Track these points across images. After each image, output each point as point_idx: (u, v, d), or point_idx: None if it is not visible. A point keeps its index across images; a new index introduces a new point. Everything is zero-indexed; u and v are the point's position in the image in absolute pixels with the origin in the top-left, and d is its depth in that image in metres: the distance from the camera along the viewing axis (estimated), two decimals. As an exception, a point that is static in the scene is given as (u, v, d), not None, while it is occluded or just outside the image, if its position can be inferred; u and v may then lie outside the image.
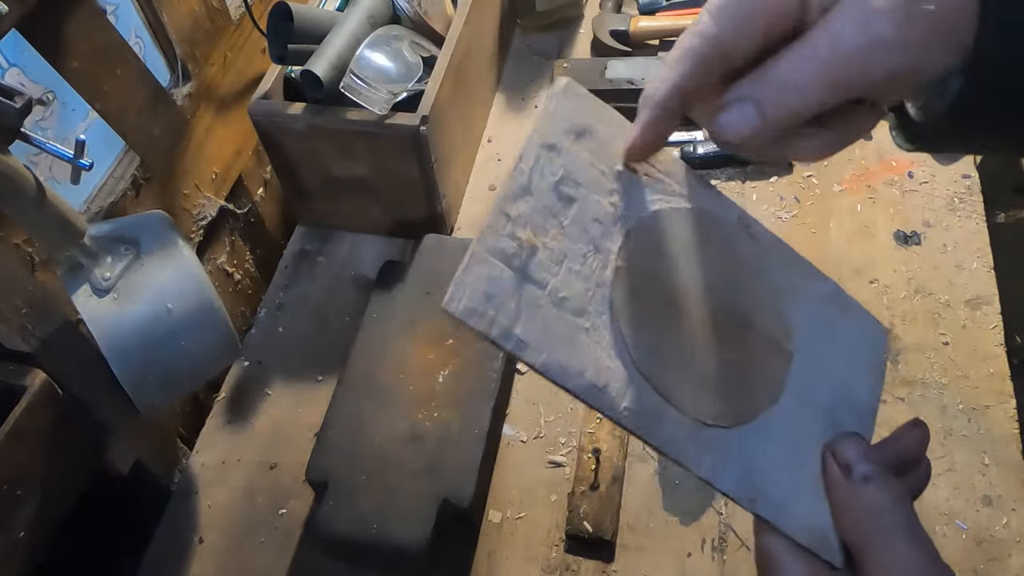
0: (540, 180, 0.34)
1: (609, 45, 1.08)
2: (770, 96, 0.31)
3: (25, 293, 0.60)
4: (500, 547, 0.71)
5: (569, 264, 0.34)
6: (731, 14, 0.32)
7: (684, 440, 0.34)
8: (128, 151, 0.80)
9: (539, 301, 0.32)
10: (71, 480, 0.66)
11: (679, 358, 0.35)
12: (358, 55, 0.78)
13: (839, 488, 0.35)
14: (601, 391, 0.32)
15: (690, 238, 0.38)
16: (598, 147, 0.36)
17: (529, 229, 0.33)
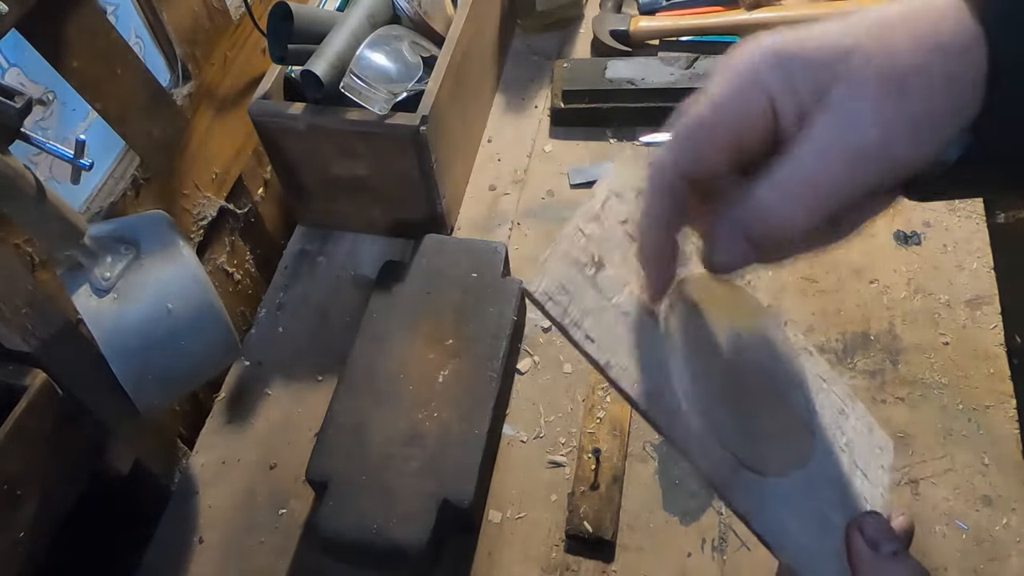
0: (608, 215, 0.37)
1: (609, 45, 1.08)
2: (757, 228, 0.31)
3: (25, 293, 0.60)
4: (500, 547, 0.71)
5: (630, 289, 0.36)
6: (689, 143, 0.31)
7: (728, 475, 0.35)
8: (128, 151, 0.80)
9: (605, 308, 0.35)
10: (71, 480, 0.66)
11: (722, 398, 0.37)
12: (358, 55, 0.79)
13: (867, 564, 0.36)
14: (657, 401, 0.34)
15: (721, 306, 0.40)
16: None
17: (599, 250, 0.36)
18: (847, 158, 0.29)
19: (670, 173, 0.32)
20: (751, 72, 0.30)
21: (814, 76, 0.30)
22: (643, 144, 1.00)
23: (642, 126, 1.01)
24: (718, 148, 0.31)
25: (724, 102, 0.31)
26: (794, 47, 0.31)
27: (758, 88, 0.30)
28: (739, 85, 0.30)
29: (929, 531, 0.68)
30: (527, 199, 0.97)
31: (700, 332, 0.38)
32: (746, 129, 0.31)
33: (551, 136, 1.03)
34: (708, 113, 0.31)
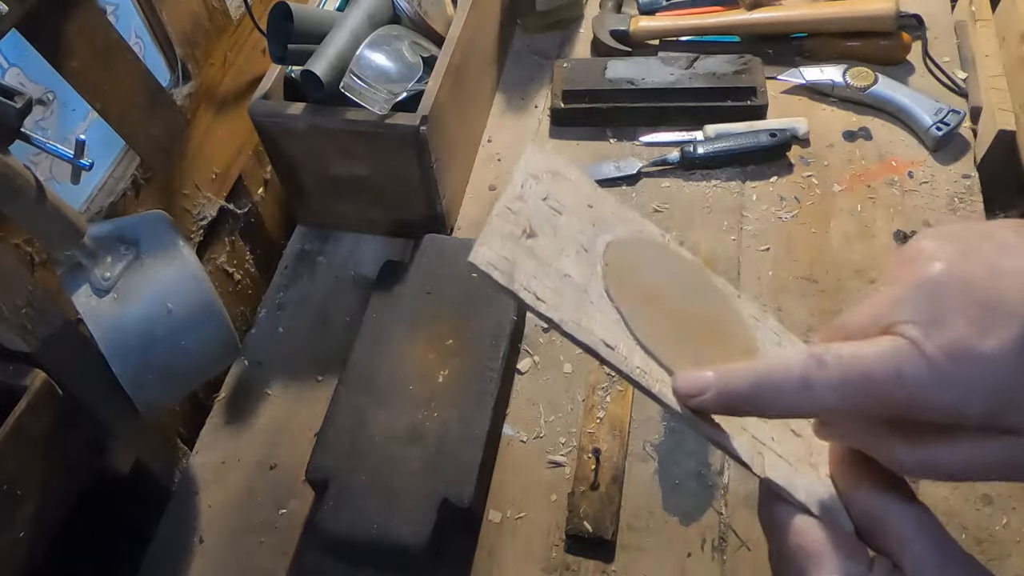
0: (531, 193, 0.40)
1: (609, 45, 1.08)
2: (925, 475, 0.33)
3: (25, 293, 0.60)
4: (500, 547, 0.71)
5: (566, 255, 0.38)
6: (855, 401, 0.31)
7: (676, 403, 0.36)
8: (128, 151, 0.80)
9: (548, 272, 0.37)
10: (71, 480, 0.66)
11: (674, 341, 0.38)
12: (358, 55, 0.79)
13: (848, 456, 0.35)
14: (612, 348, 0.36)
15: (658, 258, 0.43)
16: (572, 187, 0.42)
17: (529, 223, 0.38)
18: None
19: (800, 402, 0.32)
20: (955, 372, 0.29)
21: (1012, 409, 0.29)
22: (642, 144, 1.00)
23: (642, 126, 1.01)
24: (879, 410, 0.31)
25: (910, 386, 0.29)
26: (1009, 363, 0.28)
27: (956, 397, 0.29)
28: (936, 381, 0.29)
29: (929, 531, 0.68)
30: (527, 199, 0.97)
31: (638, 285, 0.40)
32: (920, 415, 0.30)
33: (551, 136, 1.03)
34: (889, 384, 0.30)
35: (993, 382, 0.28)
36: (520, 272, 0.35)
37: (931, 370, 0.29)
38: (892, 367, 0.29)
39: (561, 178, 0.42)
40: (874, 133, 0.98)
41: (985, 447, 0.30)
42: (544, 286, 0.36)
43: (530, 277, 0.35)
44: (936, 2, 1.11)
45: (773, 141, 0.94)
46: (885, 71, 1.00)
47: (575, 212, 0.41)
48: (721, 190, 0.95)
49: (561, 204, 0.41)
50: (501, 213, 0.37)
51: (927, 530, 0.31)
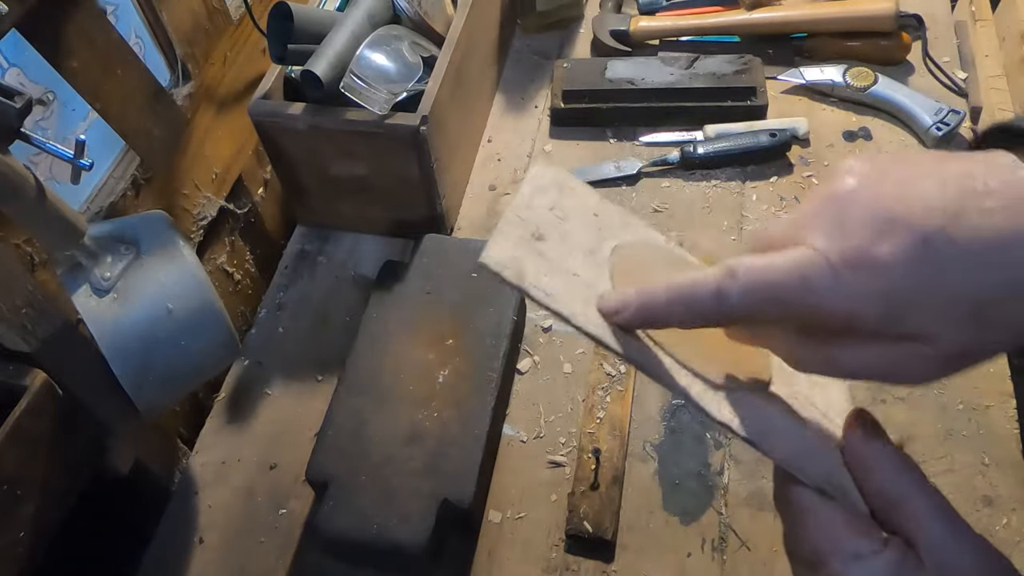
0: (538, 203, 0.41)
1: (609, 45, 1.08)
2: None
3: (25, 293, 0.60)
4: (500, 547, 0.71)
5: (574, 257, 0.40)
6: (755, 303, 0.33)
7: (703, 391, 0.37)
8: (128, 151, 0.80)
9: (555, 270, 0.38)
10: (71, 480, 0.66)
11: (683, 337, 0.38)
12: (358, 55, 0.78)
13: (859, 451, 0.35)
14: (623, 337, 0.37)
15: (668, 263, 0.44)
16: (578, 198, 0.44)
17: (538, 228, 0.40)
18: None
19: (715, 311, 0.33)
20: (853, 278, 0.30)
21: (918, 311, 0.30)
22: (642, 144, 1.00)
23: (642, 126, 1.01)
24: (786, 317, 0.33)
25: (814, 291, 0.31)
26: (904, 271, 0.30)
27: (853, 302, 0.30)
28: (834, 287, 0.31)
29: (929, 531, 0.68)
30: (527, 199, 0.97)
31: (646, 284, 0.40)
32: (822, 321, 0.32)
33: (551, 136, 1.03)
34: (795, 290, 0.31)
35: (886, 288, 0.29)
36: (530, 270, 0.37)
37: (833, 277, 0.30)
38: (798, 275, 0.31)
39: (567, 190, 0.43)
40: (874, 133, 0.98)
41: (878, 349, 0.31)
42: (554, 282, 0.37)
43: (540, 275, 0.37)
44: (936, 2, 1.11)
45: (773, 141, 0.94)
46: (885, 71, 1.00)
47: (581, 220, 0.42)
48: (721, 190, 0.95)
49: (567, 213, 0.42)
50: (510, 219, 0.39)
51: (941, 512, 0.32)
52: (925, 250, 0.29)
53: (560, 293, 0.37)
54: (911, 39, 1.03)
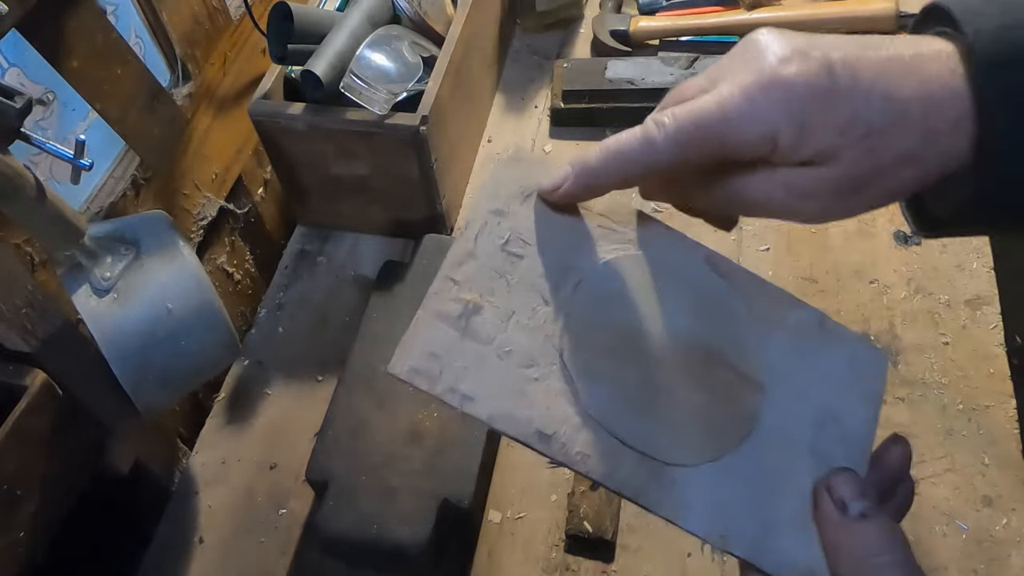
0: (487, 243, 0.36)
1: (609, 45, 1.08)
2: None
3: (25, 293, 0.60)
4: (500, 547, 0.71)
5: (517, 319, 0.35)
6: (684, 142, 0.34)
7: (645, 481, 0.33)
8: (128, 151, 0.80)
9: (485, 356, 0.34)
10: (71, 480, 0.66)
11: (637, 401, 0.35)
12: (358, 55, 0.78)
13: (833, 526, 0.34)
14: (550, 438, 0.33)
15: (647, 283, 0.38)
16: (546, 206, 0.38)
17: (475, 291, 0.35)
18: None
19: (646, 158, 0.34)
20: (765, 100, 0.32)
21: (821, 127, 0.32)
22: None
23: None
24: (706, 154, 0.34)
25: (732, 119, 0.33)
26: (810, 87, 0.32)
27: (767, 122, 0.32)
28: (749, 111, 0.32)
29: (929, 531, 0.68)
30: (527, 199, 0.97)
31: (602, 335, 0.36)
32: (738, 150, 0.33)
33: (551, 136, 1.03)
34: (715, 122, 0.33)
35: (794, 106, 0.32)
36: (448, 369, 0.33)
37: (747, 102, 0.32)
38: (717, 110, 0.33)
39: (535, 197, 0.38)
40: (874, 133, 0.98)
41: (781, 177, 0.34)
42: (475, 378, 0.33)
43: (460, 371, 0.33)
44: (936, 2, 1.11)
45: (773, 141, 0.94)
46: (885, 71, 1.00)
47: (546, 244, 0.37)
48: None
49: (527, 240, 0.37)
50: (439, 290, 0.34)
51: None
52: (829, 74, 0.31)
53: (481, 390, 0.33)
54: (911, 39, 1.03)
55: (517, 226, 0.37)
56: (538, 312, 0.35)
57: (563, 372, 0.34)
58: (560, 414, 0.34)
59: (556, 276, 0.37)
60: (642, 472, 0.34)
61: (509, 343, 0.34)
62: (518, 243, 0.36)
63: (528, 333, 0.35)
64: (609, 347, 0.36)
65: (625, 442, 0.34)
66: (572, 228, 0.38)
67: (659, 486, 0.34)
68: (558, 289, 0.36)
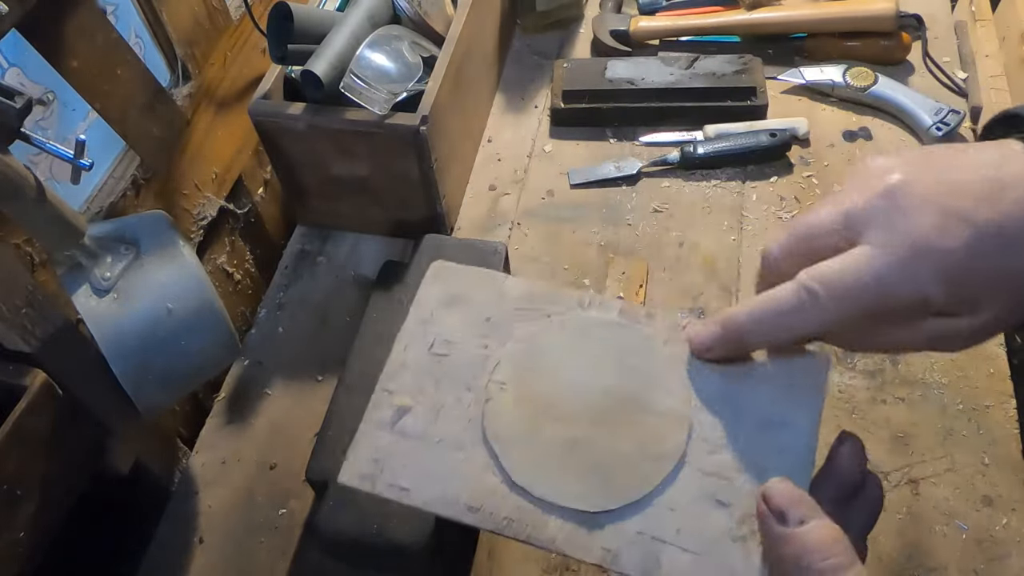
0: (415, 352, 0.41)
1: (609, 45, 1.08)
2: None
3: (25, 293, 0.60)
4: (500, 547, 0.71)
5: (445, 412, 0.39)
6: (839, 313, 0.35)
7: (571, 535, 0.36)
8: (128, 151, 0.80)
9: (419, 450, 0.38)
10: (71, 480, 0.66)
11: (558, 461, 0.37)
12: (358, 55, 0.78)
13: (775, 537, 0.33)
14: (477, 510, 0.36)
15: (564, 350, 0.41)
16: (469, 308, 0.42)
17: (406, 395, 0.40)
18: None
19: (799, 325, 0.36)
20: (922, 269, 0.34)
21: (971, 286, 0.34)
22: (642, 144, 1.00)
23: (642, 126, 1.01)
24: (856, 320, 0.35)
25: (888, 289, 0.34)
26: (967, 253, 0.34)
27: (921, 289, 0.34)
28: (906, 280, 0.34)
29: (929, 531, 0.68)
30: (527, 199, 0.97)
31: (529, 400, 0.39)
32: (889, 313, 0.35)
33: (551, 136, 1.03)
34: (871, 292, 0.34)
35: (949, 273, 0.33)
36: (387, 469, 0.38)
37: (902, 269, 0.34)
38: (873, 282, 0.34)
39: (459, 302, 0.43)
40: (874, 133, 0.98)
41: (929, 325, 0.35)
42: (411, 472, 0.38)
43: (398, 469, 0.38)
44: (936, 2, 1.11)
45: (773, 141, 0.94)
46: (885, 71, 1.00)
47: (468, 339, 0.41)
48: (721, 190, 0.95)
49: (452, 339, 0.41)
50: (376, 403, 0.40)
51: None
52: (979, 237, 0.33)
53: (417, 481, 0.37)
54: (911, 39, 1.03)
55: (442, 330, 0.42)
56: (463, 400, 0.39)
57: (487, 448, 0.38)
58: (487, 487, 0.37)
59: (479, 366, 0.41)
60: (567, 526, 0.36)
61: (439, 433, 0.39)
62: (442, 344, 0.41)
63: (455, 421, 0.39)
64: (529, 417, 0.39)
65: (547, 500, 0.36)
66: (490, 322, 0.42)
67: (588, 538, 0.35)
68: (480, 374, 0.40)
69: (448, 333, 0.42)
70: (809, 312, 0.35)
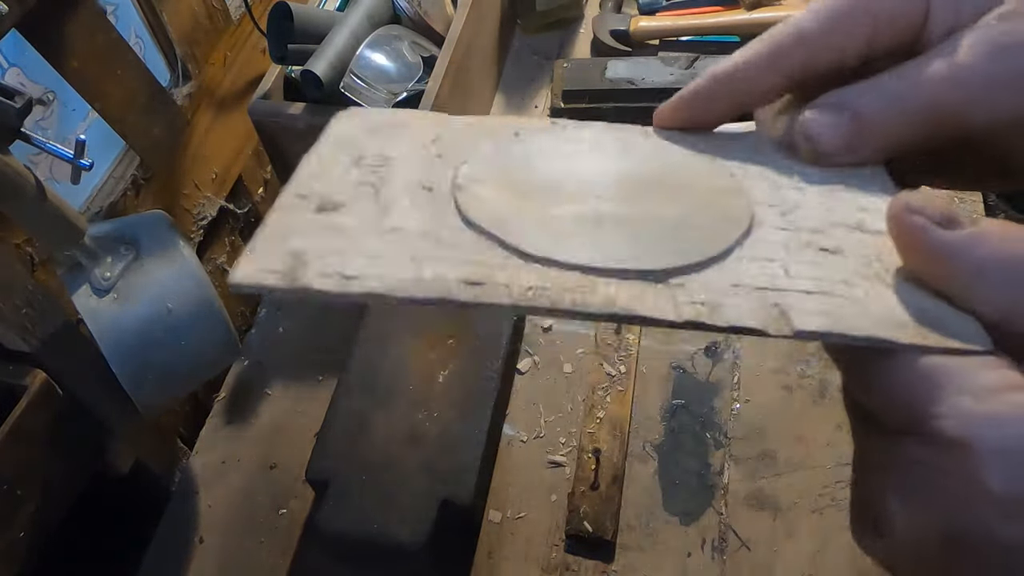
0: (339, 165, 0.29)
1: (609, 45, 1.08)
2: (867, 103, 0.26)
3: (25, 293, 0.60)
4: (500, 547, 0.71)
5: (397, 207, 0.28)
6: (830, 12, 0.27)
7: (637, 294, 0.25)
8: (128, 151, 0.80)
9: (364, 237, 0.26)
10: (71, 480, 0.66)
11: (587, 233, 0.27)
12: (358, 55, 0.79)
13: (952, 248, 0.23)
14: (481, 284, 0.25)
15: (570, 148, 0.32)
16: (404, 130, 0.31)
17: (330, 198, 0.28)
18: (987, 73, 0.24)
19: (793, 37, 0.27)
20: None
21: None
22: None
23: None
24: (855, 32, 0.27)
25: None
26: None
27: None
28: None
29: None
30: (527, 199, 0.97)
31: (519, 184, 0.29)
32: (902, 18, 0.26)
33: (551, 136, 1.03)
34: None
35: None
36: (315, 260, 0.25)
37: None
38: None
39: (390, 130, 0.31)
40: (874, 133, 0.98)
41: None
42: (355, 260, 0.25)
43: (331, 256, 0.25)
44: (936, 2, 1.11)
45: (773, 141, 0.94)
46: (885, 71, 1.00)
47: (410, 154, 0.30)
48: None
49: (388, 154, 0.30)
50: (284, 206, 0.27)
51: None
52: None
53: (367, 268, 0.25)
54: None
55: (371, 148, 0.30)
56: (419, 198, 0.28)
57: (475, 231, 0.27)
58: (489, 261, 0.25)
59: (437, 171, 0.29)
60: (627, 286, 0.25)
61: (393, 223, 0.27)
62: (377, 159, 0.30)
63: (416, 213, 0.27)
64: (524, 201, 0.28)
65: (586, 265, 0.25)
66: (439, 137, 0.31)
67: (662, 290, 0.25)
68: (441, 180, 0.29)
69: (381, 149, 0.30)
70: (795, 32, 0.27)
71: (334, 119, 0.31)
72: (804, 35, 0.27)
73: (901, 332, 0.23)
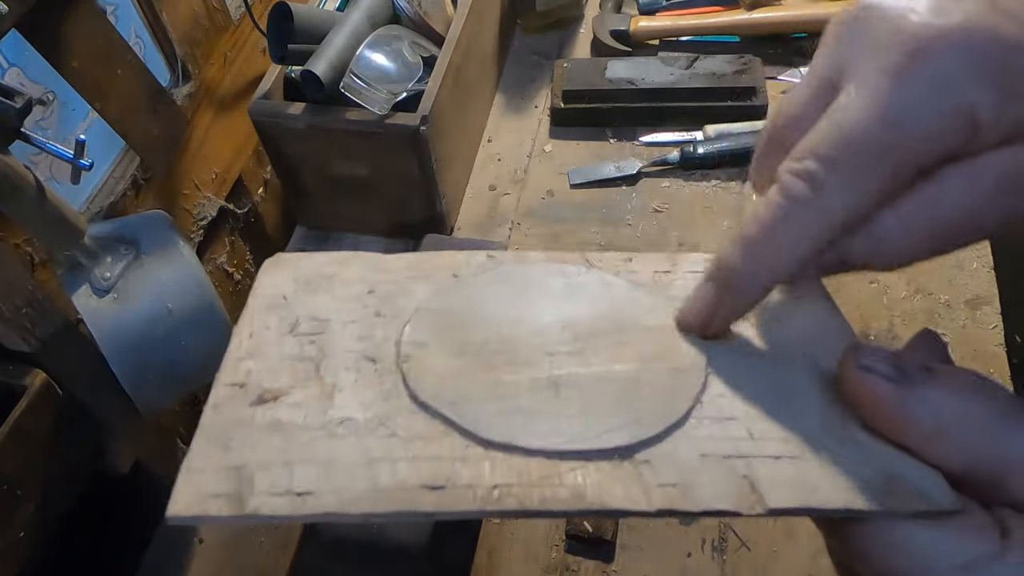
0: (270, 336, 0.29)
1: (609, 45, 1.08)
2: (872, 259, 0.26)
3: (25, 293, 0.60)
4: (500, 547, 0.71)
5: (342, 390, 0.27)
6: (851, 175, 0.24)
7: (605, 481, 0.24)
8: (128, 151, 0.80)
9: (313, 442, 0.25)
10: (71, 480, 0.66)
11: (542, 403, 0.26)
12: (358, 55, 0.78)
13: (888, 400, 0.23)
14: (442, 488, 0.24)
15: (507, 294, 0.31)
16: (338, 285, 0.31)
17: (270, 383, 0.27)
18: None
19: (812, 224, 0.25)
20: (942, 72, 0.22)
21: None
22: (642, 144, 1.00)
23: (642, 126, 1.01)
24: (880, 186, 0.24)
25: (907, 117, 0.23)
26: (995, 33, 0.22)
27: (953, 97, 0.22)
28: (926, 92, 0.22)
29: (929, 531, 0.68)
30: (527, 199, 0.97)
31: (465, 336, 0.29)
32: (930, 154, 0.23)
33: (551, 136, 1.03)
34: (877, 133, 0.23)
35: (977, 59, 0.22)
36: (260, 473, 0.23)
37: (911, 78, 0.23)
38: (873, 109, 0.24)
39: (321, 280, 0.31)
40: (874, 133, 0.98)
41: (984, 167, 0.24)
42: (305, 470, 0.24)
43: (278, 468, 0.24)
44: (936, 2, 1.11)
45: (773, 141, 0.94)
46: (885, 71, 1.00)
47: (347, 314, 0.29)
48: (721, 190, 0.95)
49: (323, 317, 0.29)
50: (220, 400, 0.27)
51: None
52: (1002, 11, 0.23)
53: (320, 481, 0.24)
54: (911, 39, 1.03)
55: (305, 311, 0.30)
56: (364, 372, 0.27)
57: (428, 413, 0.26)
58: (447, 454, 0.25)
59: (377, 336, 0.29)
60: (594, 471, 0.24)
61: (341, 414, 0.26)
62: (311, 323, 0.29)
63: (363, 395, 0.26)
64: (473, 367, 0.28)
65: (550, 449, 0.25)
66: (375, 290, 0.31)
67: (630, 473, 0.24)
68: (383, 347, 0.28)
69: (315, 311, 0.29)
70: (813, 204, 0.24)
71: (261, 270, 0.31)
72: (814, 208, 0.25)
73: (870, 499, 0.23)
